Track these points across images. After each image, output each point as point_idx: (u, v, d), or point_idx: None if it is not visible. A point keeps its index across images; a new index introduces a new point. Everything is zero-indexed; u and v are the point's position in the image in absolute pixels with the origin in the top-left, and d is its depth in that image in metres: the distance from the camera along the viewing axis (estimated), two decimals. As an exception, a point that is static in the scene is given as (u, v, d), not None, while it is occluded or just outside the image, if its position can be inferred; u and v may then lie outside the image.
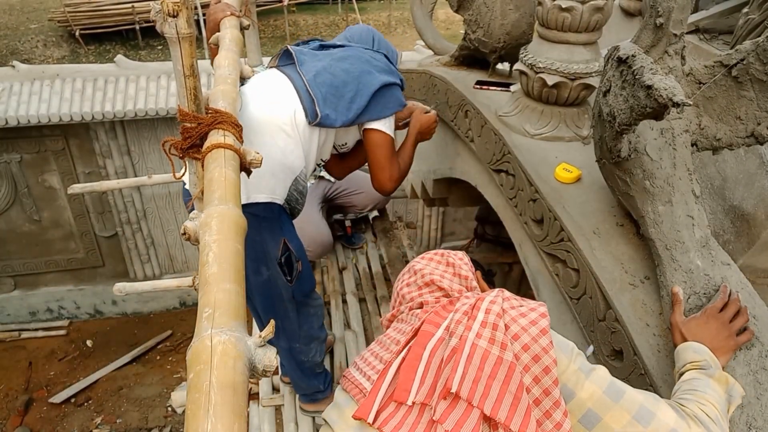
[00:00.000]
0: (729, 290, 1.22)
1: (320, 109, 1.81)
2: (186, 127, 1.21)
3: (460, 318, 1.04)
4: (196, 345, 0.70)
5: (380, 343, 1.15)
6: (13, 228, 6.72)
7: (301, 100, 1.82)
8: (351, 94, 1.85)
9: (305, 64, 1.90)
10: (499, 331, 0.99)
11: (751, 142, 1.35)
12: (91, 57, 11.23)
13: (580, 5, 1.76)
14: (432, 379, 0.99)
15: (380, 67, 1.94)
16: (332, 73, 1.85)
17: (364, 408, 1.00)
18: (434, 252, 1.28)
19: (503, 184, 2.02)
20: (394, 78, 1.96)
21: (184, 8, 1.15)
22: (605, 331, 1.42)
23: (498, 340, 0.98)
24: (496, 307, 1.03)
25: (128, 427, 6.16)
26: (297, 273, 1.95)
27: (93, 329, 7.35)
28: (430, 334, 1.05)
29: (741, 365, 1.19)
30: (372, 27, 2.17)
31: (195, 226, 1.01)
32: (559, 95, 1.92)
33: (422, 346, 1.04)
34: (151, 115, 5.94)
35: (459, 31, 10.37)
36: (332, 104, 1.83)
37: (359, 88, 1.86)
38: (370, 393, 1.02)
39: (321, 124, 1.83)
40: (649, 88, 1.09)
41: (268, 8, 13.10)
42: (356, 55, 1.93)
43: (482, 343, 0.98)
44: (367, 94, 1.86)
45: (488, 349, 0.97)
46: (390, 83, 1.93)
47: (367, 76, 1.88)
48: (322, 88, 1.83)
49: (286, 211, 1.92)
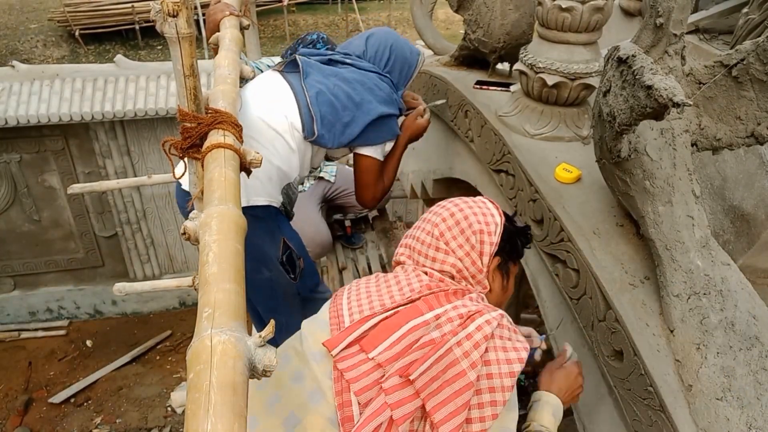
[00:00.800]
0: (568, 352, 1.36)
1: (318, 129, 1.84)
2: (186, 127, 1.21)
3: (452, 317, 1.08)
4: (195, 345, 0.70)
5: (379, 285, 1.21)
6: (12, 228, 6.71)
7: (300, 113, 1.84)
8: (347, 119, 1.88)
9: (310, 77, 1.90)
10: (478, 351, 1.04)
11: (751, 142, 1.35)
12: (90, 57, 11.23)
13: (580, 5, 1.76)
14: (398, 350, 1.05)
15: (381, 97, 1.95)
16: (334, 95, 1.87)
17: (334, 341, 1.09)
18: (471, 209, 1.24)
19: (503, 184, 2.02)
20: (392, 109, 1.98)
21: (183, 8, 1.15)
22: (605, 331, 1.42)
23: (471, 358, 1.04)
24: (488, 329, 1.07)
25: (128, 427, 6.16)
26: (300, 270, 1.98)
27: (93, 329, 7.35)
28: (419, 312, 1.10)
29: (741, 365, 1.19)
30: (394, 36, 2.11)
31: (195, 226, 1.01)
32: (559, 95, 1.92)
33: (407, 318, 1.10)
34: (150, 115, 5.94)
35: (459, 31, 10.37)
36: (328, 125, 1.86)
37: (356, 115, 1.88)
38: (344, 331, 1.10)
39: (315, 142, 1.87)
40: (649, 88, 1.09)
41: (268, 8, 13.10)
42: (361, 81, 1.93)
43: (457, 352, 1.04)
44: (362, 123, 1.89)
45: (459, 360, 1.03)
46: (388, 114, 1.95)
47: (367, 105, 1.90)
48: (322, 107, 1.85)
49: (282, 213, 1.94)
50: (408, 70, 2.09)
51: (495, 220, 1.24)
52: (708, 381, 1.19)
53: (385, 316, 1.11)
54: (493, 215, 1.25)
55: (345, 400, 1.03)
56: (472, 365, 1.03)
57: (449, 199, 1.30)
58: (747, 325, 1.24)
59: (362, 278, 1.29)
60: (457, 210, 1.24)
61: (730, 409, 1.16)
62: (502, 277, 1.28)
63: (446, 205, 1.27)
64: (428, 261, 1.21)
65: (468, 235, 1.21)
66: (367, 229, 3.63)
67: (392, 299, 1.15)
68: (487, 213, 1.25)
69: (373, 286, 1.21)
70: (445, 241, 1.20)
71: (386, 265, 3.33)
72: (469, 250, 1.20)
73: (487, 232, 1.22)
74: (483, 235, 1.21)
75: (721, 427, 1.15)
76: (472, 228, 1.21)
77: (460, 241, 1.20)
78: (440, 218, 1.23)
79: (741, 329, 1.23)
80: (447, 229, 1.21)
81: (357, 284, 1.25)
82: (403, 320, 1.09)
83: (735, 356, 1.20)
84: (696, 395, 1.19)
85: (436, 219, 1.24)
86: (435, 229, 1.22)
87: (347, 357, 1.07)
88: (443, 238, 1.21)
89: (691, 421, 1.18)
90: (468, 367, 1.03)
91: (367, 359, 1.05)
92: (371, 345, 1.07)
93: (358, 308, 1.15)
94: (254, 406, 1.11)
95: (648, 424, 1.27)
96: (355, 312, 1.15)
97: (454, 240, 1.20)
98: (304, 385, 1.09)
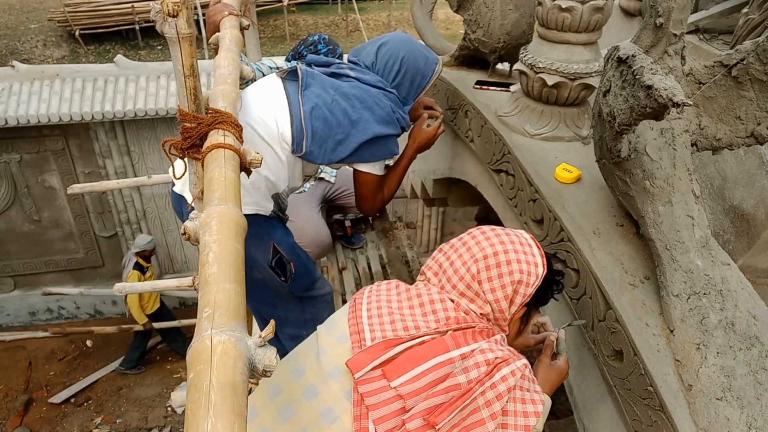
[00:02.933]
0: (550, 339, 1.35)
1: (306, 146, 1.80)
2: (186, 127, 1.21)
3: (479, 362, 1.07)
4: (196, 345, 0.70)
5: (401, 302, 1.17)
6: (12, 228, 6.72)
7: (292, 127, 1.80)
8: (340, 137, 1.83)
9: (309, 89, 1.86)
10: (500, 403, 1.05)
11: (751, 142, 1.35)
12: (90, 57, 11.22)
13: (580, 5, 1.76)
14: (422, 385, 1.03)
15: (380, 117, 1.87)
16: (330, 110, 1.82)
17: (358, 363, 1.06)
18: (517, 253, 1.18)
19: (503, 184, 2.02)
20: (390, 129, 1.90)
21: (183, 8, 1.15)
22: (605, 331, 1.42)
23: (493, 409, 1.05)
24: (511, 381, 1.07)
25: (128, 427, 6.16)
26: (291, 273, 1.97)
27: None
28: (446, 348, 1.08)
29: (741, 365, 1.19)
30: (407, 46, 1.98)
31: (195, 226, 1.01)
32: (559, 95, 1.92)
33: (434, 351, 1.08)
34: (150, 115, 5.94)
35: (459, 31, 10.37)
36: (319, 141, 1.81)
37: (351, 133, 1.83)
38: (367, 352, 1.07)
39: (304, 157, 1.84)
40: (649, 88, 1.09)
41: (268, 8, 13.09)
42: (361, 98, 1.86)
43: (480, 401, 1.04)
44: (355, 142, 1.83)
45: (480, 409, 1.04)
46: (384, 135, 1.89)
47: (363, 124, 1.84)
48: (315, 122, 1.80)
49: (274, 218, 1.92)
50: (421, 81, 2.00)
51: (537, 271, 1.19)
52: (708, 381, 1.19)
53: (411, 345, 1.08)
54: (537, 265, 1.19)
55: (363, 427, 1.02)
56: (492, 416, 1.04)
57: (497, 228, 1.24)
58: (747, 325, 1.24)
59: (382, 284, 1.24)
60: (502, 250, 1.18)
61: (730, 408, 1.16)
62: (521, 322, 1.25)
63: (492, 239, 1.20)
64: (455, 293, 1.18)
65: (505, 282, 1.16)
66: (367, 229, 3.63)
67: (416, 325, 1.12)
68: (531, 262, 1.19)
69: (395, 301, 1.18)
70: (479, 281, 1.16)
71: (386, 265, 3.33)
72: (501, 298, 1.17)
73: (525, 283, 1.17)
74: (520, 286, 1.17)
75: (721, 427, 1.15)
76: (512, 276, 1.16)
77: (495, 285, 1.16)
78: (482, 254, 1.17)
79: (741, 329, 1.23)
80: (485, 269, 1.16)
81: (377, 293, 1.21)
82: (430, 353, 1.07)
83: (735, 356, 1.20)
84: (696, 395, 1.19)
85: (477, 253, 1.18)
86: (474, 266, 1.17)
87: (369, 381, 1.05)
88: (479, 277, 1.16)
89: (691, 421, 1.18)
90: (488, 417, 1.04)
91: (388, 387, 1.04)
92: (395, 373, 1.05)
93: (380, 326, 1.12)
94: (265, 418, 1.10)
95: (648, 424, 1.27)
96: (377, 329, 1.12)
97: (489, 282, 1.16)
98: (317, 402, 1.07)
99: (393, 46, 1.98)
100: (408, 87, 1.99)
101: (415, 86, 2.00)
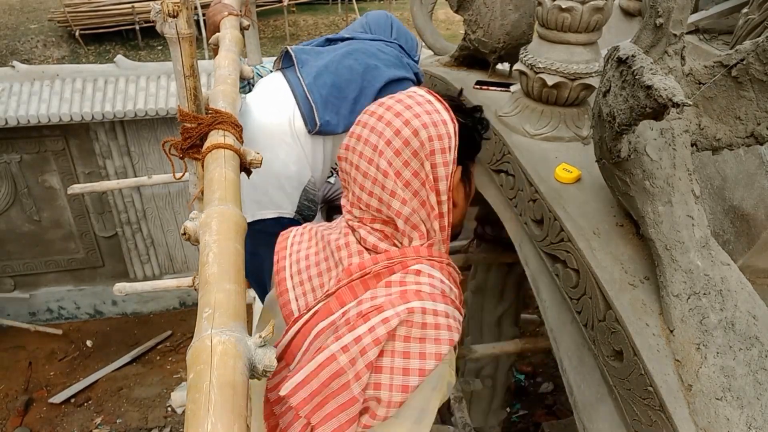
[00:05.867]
0: None
1: (319, 117, 1.68)
2: (186, 127, 1.21)
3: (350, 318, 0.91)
4: (196, 345, 0.70)
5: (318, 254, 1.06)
6: (13, 228, 6.72)
7: (299, 107, 1.71)
8: (354, 93, 1.71)
9: (306, 64, 1.78)
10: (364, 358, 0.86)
11: (751, 142, 1.35)
12: (91, 57, 11.23)
13: (580, 5, 1.76)
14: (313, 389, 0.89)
15: (389, 61, 1.77)
16: (334, 72, 1.71)
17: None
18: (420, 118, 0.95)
19: (503, 184, 2.02)
20: (403, 72, 1.79)
21: (183, 8, 1.16)
22: (605, 331, 1.42)
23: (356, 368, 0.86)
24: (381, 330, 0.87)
25: (128, 428, 6.16)
26: None
27: (93, 329, 7.36)
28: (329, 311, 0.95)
29: (741, 365, 1.19)
30: (390, 14, 2.02)
31: (195, 226, 1.01)
32: (559, 95, 1.92)
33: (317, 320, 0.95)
34: (150, 115, 5.94)
35: (459, 31, 10.37)
36: (334, 107, 1.70)
37: (363, 85, 1.71)
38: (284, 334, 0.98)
39: (322, 131, 1.71)
40: (649, 88, 1.09)
41: (268, 8, 13.09)
42: (362, 49, 1.77)
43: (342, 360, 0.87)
44: (372, 92, 1.71)
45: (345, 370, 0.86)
46: (399, 78, 1.76)
47: (373, 72, 1.72)
48: (322, 90, 1.70)
49: (298, 222, 1.85)
50: (412, 43, 1.95)
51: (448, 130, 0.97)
52: (708, 381, 1.19)
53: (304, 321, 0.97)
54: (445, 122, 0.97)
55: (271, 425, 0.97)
56: (356, 376, 0.85)
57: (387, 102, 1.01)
58: (747, 325, 1.24)
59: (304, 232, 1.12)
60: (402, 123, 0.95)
61: (729, 408, 1.16)
62: (464, 185, 1.08)
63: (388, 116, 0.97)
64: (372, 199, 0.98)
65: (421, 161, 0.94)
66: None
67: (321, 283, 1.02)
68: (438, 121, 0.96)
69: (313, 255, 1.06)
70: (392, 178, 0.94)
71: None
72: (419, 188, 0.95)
73: (441, 149, 0.95)
74: (435, 156, 0.95)
75: (720, 427, 1.15)
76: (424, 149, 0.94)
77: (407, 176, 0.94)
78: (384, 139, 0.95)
79: (741, 329, 1.23)
80: (394, 156, 0.94)
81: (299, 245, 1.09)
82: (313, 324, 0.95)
83: (735, 356, 1.20)
84: (696, 395, 1.19)
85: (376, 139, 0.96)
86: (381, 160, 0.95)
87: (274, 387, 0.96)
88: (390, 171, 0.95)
89: (691, 421, 1.18)
90: (353, 378, 0.85)
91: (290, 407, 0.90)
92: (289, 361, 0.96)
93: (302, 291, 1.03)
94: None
95: (648, 424, 1.27)
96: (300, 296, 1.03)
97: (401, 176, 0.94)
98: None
99: (378, 13, 2.02)
100: (404, 44, 1.95)
101: (410, 47, 1.95)
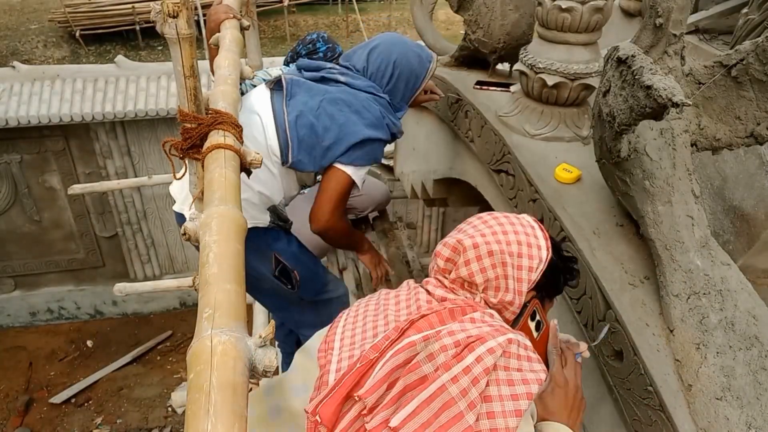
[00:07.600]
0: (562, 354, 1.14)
1: (293, 155, 1.79)
2: (186, 127, 1.22)
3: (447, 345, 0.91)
4: (196, 345, 0.71)
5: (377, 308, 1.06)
6: (13, 228, 6.72)
7: (278, 139, 1.80)
8: (329, 142, 1.80)
9: (294, 98, 1.84)
10: (476, 388, 0.87)
11: (751, 142, 1.35)
12: (91, 57, 11.22)
13: (580, 5, 1.76)
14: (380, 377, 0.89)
15: (370, 121, 1.85)
16: (316, 117, 1.80)
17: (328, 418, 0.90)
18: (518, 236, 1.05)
19: (503, 184, 2.02)
20: (378, 133, 1.87)
21: (184, 9, 1.16)
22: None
23: (470, 397, 0.86)
24: (489, 360, 0.89)
25: (128, 428, 6.16)
26: (296, 281, 1.97)
27: (93, 329, 7.36)
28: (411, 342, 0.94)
29: (741, 365, 1.19)
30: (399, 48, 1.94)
31: (195, 227, 1.01)
32: (559, 95, 1.92)
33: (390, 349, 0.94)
34: (151, 115, 5.95)
35: (459, 32, 10.36)
36: (307, 148, 1.79)
37: (339, 137, 1.80)
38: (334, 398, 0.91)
39: (293, 167, 1.83)
40: (649, 88, 1.09)
41: (269, 8, 13.10)
42: (349, 102, 1.84)
43: (452, 390, 0.86)
44: (345, 145, 1.81)
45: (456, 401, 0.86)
46: (373, 138, 1.86)
47: (352, 127, 1.81)
48: (301, 130, 1.78)
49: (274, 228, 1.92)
50: (416, 81, 1.99)
51: (540, 254, 1.07)
52: (708, 381, 1.19)
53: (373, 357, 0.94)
54: (540, 248, 1.08)
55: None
56: (470, 406, 0.86)
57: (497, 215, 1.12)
58: (747, 324, 1.24)
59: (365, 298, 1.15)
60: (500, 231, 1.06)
61: (729, 408, 1.16)
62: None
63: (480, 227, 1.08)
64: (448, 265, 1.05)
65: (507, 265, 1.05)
66: (367, 230, 3.62)
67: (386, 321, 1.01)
68: (533, 244, 1.07)
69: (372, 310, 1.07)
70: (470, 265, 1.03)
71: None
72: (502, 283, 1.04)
73: (528, 267, 1.05)
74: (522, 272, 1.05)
75: (720, 427, 1.15)
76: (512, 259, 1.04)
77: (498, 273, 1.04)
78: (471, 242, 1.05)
79: (741, 329, 1.23)
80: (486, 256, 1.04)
81: (357, 307, 1.11)
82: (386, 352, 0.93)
83: (735, 356, 1.20)
84: (696, 395, 1.19)
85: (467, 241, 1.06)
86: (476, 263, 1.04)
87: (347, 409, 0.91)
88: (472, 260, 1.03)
89: (691, 421, 1.18)
90: (466, 409, 0.86)
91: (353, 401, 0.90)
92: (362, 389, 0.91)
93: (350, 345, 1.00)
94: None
95: (648, 423, 1.27)
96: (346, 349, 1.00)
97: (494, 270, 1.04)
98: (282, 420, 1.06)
99: (384, 49, 1.94)
100: (403, 89, 1.98)
101: (410, 87, 1.99)
